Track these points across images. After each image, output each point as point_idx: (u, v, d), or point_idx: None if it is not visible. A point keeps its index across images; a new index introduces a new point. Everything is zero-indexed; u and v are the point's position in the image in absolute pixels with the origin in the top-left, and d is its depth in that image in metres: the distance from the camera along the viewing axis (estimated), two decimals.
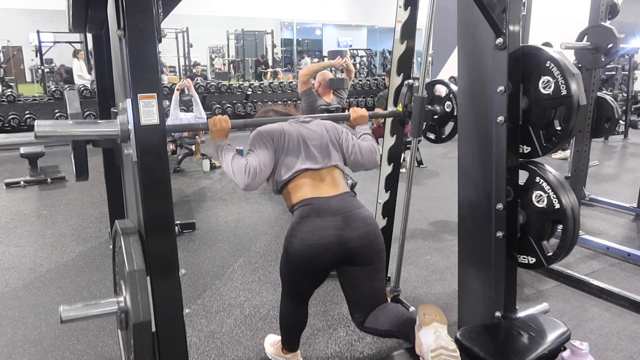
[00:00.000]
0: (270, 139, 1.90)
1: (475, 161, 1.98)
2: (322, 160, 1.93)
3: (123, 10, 1.31)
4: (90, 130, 1.53)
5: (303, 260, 1.81)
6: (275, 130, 1.94)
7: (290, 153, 1.90)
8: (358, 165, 2.06)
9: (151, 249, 1.41)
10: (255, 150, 1.87)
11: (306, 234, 1.78)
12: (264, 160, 1.84)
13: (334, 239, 1.77)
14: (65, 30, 3.16)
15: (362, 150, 2.04)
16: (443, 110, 2.34)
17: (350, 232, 1.79)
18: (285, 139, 1.92)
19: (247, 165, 1.80)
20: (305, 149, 1.92)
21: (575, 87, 1.68)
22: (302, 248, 1.78)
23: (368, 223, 1.85)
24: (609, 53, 3.20)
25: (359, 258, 1.83)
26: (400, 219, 2.44)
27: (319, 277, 1.93)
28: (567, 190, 1.77)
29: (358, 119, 2.17)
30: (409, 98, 2.28)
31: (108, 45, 2.03)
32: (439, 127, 2.41)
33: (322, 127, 2.02)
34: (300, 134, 1.94)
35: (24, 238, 3.75)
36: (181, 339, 1.50)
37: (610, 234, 3.85)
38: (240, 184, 1.81)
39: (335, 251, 1.79)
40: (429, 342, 1.58)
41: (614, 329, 2.50)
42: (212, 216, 4.29)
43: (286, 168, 1.89)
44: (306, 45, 21.02)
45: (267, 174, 1.87)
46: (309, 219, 1.80)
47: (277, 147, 1.90)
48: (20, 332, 2.47)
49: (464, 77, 1.98)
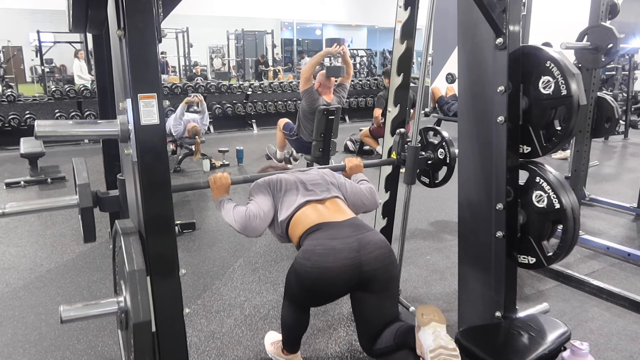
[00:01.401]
0: (268, 186, 1.98)
1: (475, 161, 1.98)
2: (322, 193, 1.96)
3: (123, 10, 1.31)
4: (90, 130, 1.53)
5: (316, 283, 1.75)
6: (272, 178, 2.01)
7: (289, 193, 1.95)
8: (358, 206, 2.09)
9: (151, 249, 1.41)
10: (254, 198, 1.94)
11: (320, 256, 1.72)
12: (263, 206, 1.90)
13: (350, 262, 1.72)
14: (65, 30, 3.17)
15: (362, 192, 2.09)
16: (436, 157, 2.38)
17: (366, 254, 1.74)
18: (282, 184, 1.98)
19: (247, 210, 1.86)
20: (304, 188, 1.96)
21: (575, 87, 1.68)
22: (315, 271, 1.72)
23: (382, 245, 1.81)
24: (609, 53, 3.20)
25: (375, 283, 1.78)
26: (400, 219, 2.44)
27: (328, 300, 1.92)
28: (567, 190, 1.77)
29: (354, 168, 2.24)
30: (401, 146, 2.34)
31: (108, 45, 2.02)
32: (432, 172, 2.45)
33: (319, 172, 2.08)
34: (298, 178, 2.00)
35: (24, 238, 3.75)
36: (181, 339, 1.50)
37: (610, 234, 3.85)
38: (241, 229, 1.85)
39: (351, 275, 1.73)
40: (429, 342, 1.57)
41: (614, 329, 2.50)
42: (212, 216, 4.29)
43: (287, 205, 1.93)
44: (306, 45, 21.01)
45: (268, 219, 1.91)
46: (322, 241, 1.75)
47: (274, 192, 1.96)
48: (20, 332, 2.47)
49: (464, 77, 1.98)
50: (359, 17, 20.87)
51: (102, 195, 1.73)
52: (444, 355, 1.54)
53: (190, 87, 8.68)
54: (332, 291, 1.81)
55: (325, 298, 1.89)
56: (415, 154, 2.24)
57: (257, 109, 8.90)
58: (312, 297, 1.87)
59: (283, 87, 9.41)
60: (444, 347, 1.55)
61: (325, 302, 1.94)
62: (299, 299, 1.92)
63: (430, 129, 2.43)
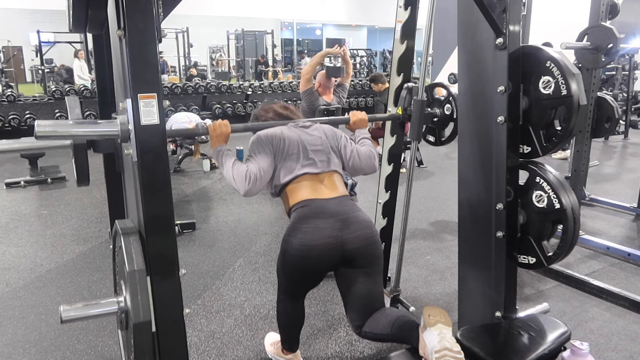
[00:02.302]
0: (270, 144, 1.91)
1: (476, 161, 1.98)
2: (321, 165, 1.93)
3: (123, 10, 1.31)
4: (90, 130, 1.53)
5: (301, 261, 1.81)
6: (275, 135, 1.94)
7: (290, 158, 1.91)
8: (356, 170, 2.07)
9: (151, 249, 1.41)
10: (255, 155, 1.88)
11: (304, 234, 1.78)
12: (264, 166, 1.85)
13: (332, 240, 1.77)
14: (65, 30, 3.17)
15: (361, 156, 2.05)
16: (442, 113, 2.33)
17: (349, 234, 1.79)
18: (285, 143, 1.92)
19: (247, 172, 1.80)
20: (305, 154, 1.92)
21: (575, 87, 1.68)
22: (300, 249, 1.78)
23: (366, 226, 1.85)
24: (609, 53, 3.20)
25: (357, 260, 1.83)
26: (400, 219, 2.44)
27: (316, 278, 1.93)
28: (567, 190, 1.76)
29: (358, 123, 2.18)
30: (408, 101, 2.27)
31: (108, 45, 2.02)
32: (438, 130, 2.40)
33: (321, 132, 2.03)
34: (300, 139, 1.95)
35: (24, 238, 3.75)
36: (181, 339, 1.50)
37: (610, 234, 3.85)
38: (240, 191, 1.81)
39: (333, 253, 1.79)
40: (434, 343, 1.57)
41: (614, 329, 2.50)
42: (212, 216, 4.29)
43: (285, 172, 1.90)
44: (306, 45, 21.01)
45: (267, 179, 1.87)
46: (307, 220, 1.80)
47: (276, 152, 1.91)
48: (20, 332, 2.47)
49: (464, 77, 1.98)
50: (359, 17, 20.87)
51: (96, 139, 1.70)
52: (448, 356, 1.54)
53: (190, 87, 8.68)
54: (317, 268, 1.85)
55: (311, 275, 1.90)
56: (422, 107, 2.16)
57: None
58: (300, 275, 1.89)
59: (283, 87, 9.41)
60: (449, 349, 1.55)
61: (313, 280, 1.92)
62: (290, 282, 1.94)
63: (436, 84, 2.37)
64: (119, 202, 3.09)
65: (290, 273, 1.90)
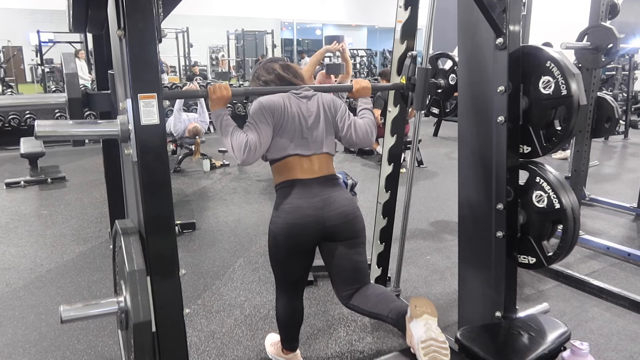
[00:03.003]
0: (272, 115, 1.87)
1: (476, 161, 1.98)
2: (314, 146, 1.92)
3: (123, 10, 1.31)
4: (90, 130, 1.53)
5: (286, 239, 1.87)
6: (277, 106, 1.89)
7: (286, 134, 1.89)
8: (351, 144, 2.04)
9: (151, 249, 1.41)
10: (256, 124, 1.84)
11: (287, 213, 1.85)
12: (264, 134, 1.83)
13: (313, 219, 1.84)
14: (65, 30, 3.16)
15: (358, 130, 2.00)
16: (447, 84, 2.25)
17: (329, 212, 1.86)
18: (285, 118, 1.88)
19: (247, 141, 1.78)
20: (300, 133, 1.90)
21: (575, 87, 1.68)
22: (284, 227, 1.85)
23: (346, 204, 1.90)
24: (609, 53, 3.20)
25: (339, 235, 1.90)
26: (400, 219, 2.44)
27: (304, 257, 1.95)
28: (567, 190, 1.76)
29: (360, 91, 2.11)
30: (412, 70, 2.20)
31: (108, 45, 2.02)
32: (442, 101, 2.34)
33: (320, 106, 1.97)
34: (300, 113, 1.91)
35: (24, 238, 3.75)
36: (181, 339, 1.50)
37: (610, 234, 3.85)
38: (238, 159, 1.81)
39: (315, 230, 1.86)
40: (420, 333, 1.60)
41: (614, 329, 2.50)
42: (212, 216, 4.29)
43: (278, 149, 1.89)
44: (306, 45, 21.00)
45: (265, 149, 1.87)
46: (290, 199, 1.86)
47: (276, 124, 1.88)
48: (20, 332, 2.47)
49: (464, 77, 1.98)
50: (359, 17, 20.86)
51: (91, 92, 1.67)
52: (434, 346, 1.57)
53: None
54: (302, 242, 1.89)
55: (298, 252, 1.92)
56: (426, 76, 2.12)
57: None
58: (287, 253, 1.92)
59: None
60: (434, 339, 1.58)
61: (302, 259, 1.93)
62: (281, 266, 1.97)
63: (441, 54, 2.32)
64: (119, 202, 3.08)
65: (278, 252, 1.93)
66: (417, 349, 1.59)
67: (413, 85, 2.19)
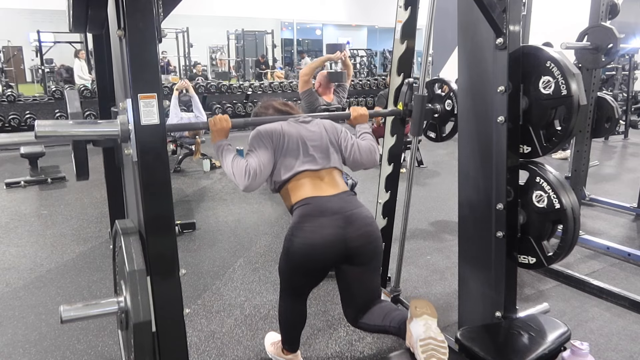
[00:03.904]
0: (270, 139, 1.90)
1: (476, 161, 1.98)
2: (321, 161, 1.93)
3: (123, 10, 1.31)
4: (90, 130, 1.53)
5: (304, 259, 1.82)
6: (275, 130, 1.93)
7: (290, 154, 1.90)
8: (357, 165, 2.07)
9: (151, 249, 1.41)
10: (255, 150, 1.87)
11: (308, 233, 1.78)
12: (263, 161, 1.84)
13: (335, 237, 1.78)
14: (65, 30, 3.16)
15: (361, 150, 2.04)
16: (443, 109, 2.33)
17: (352, 231, 1.80)
18: (285, 139, 1.91)
19: (247, 167, 1.80)
20: (305, 150, 1.92)
21: (575, 87, 1.68)
22: (303, 247, 1.79)
23: (368, 223, 1.86)
24: (609, 53, 3.20)
25: (359, 257, 1.85)
26: (400, 219, 2.44)
27: (318, 276, 1.94)
28: (568, 190, 1.76)
29: (358, 118, 2.17)
30: (409, 97, 2.27)
31: (108, 45, 2.02)
32: (439, 126, 2.40)
33: (321, 128, 2.02)
34: (300, 135, 1.94)
35: (24, 238, 3.75)
36: (181, 339, 1.50)
37: (610, 234, 3.85)
38: (240, 186, 1.81)
39: (336, 250, 1.80)
40: (419, 332, 1.60)
41: (614, 329, 2.50)
42: (212, 216, 4.29)
43: (285, 169, 1.90)
44: (306, 45, 21.00)
45: (266, 174, 1.87)
46: (310, 218, 1.80)
47: (276, 148, 1.90)
48: (20, 332, 2.47)
49: (464, 77, 1.98)
50: (359, 17, 20.86)
51: None
52: (432, 344, 1.57)
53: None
54: (320, 266, 1.86)
55: (314, 273, 1.91)
56: (422, 103, 2.18)
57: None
58: (302, 273, 1.89)
59: (283, 87, 9.41)
60: (433, 338, 1.58)
61: (316, 278, 1.93)
62: (292, 280, 1.95)
63: (436, 80, 2.37)
64: (119, 202, 3.08)
65: (293, 272, 1.90)
66: (415, 347, 1.59)
67: (410, 111, 2.26)
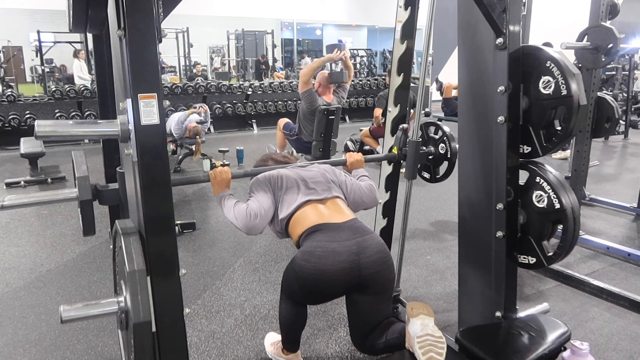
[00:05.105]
0: (268, 183, 1.95)
1: (476, 161, 1.98)
2: (323, 192, 1.95)
3: (123, 10, 1.31)
4: (90, 130, 1.53)
5: (314, 285, 1.77)
6: (273, 175, 1.99)
7: (290, 191, 1.93)
8: (358, 204, 2.10)
9: (151, 249, 1.41)
10: (254, 195, 1.92)
11: (319, 259, 1.73)
12: (264, 204, 1.88)
13: (349, 265, 1.74)
14: (65, 30, 3.16)
15: (362, 190, 2.09)
16: (437, 152, 2.39)
17: (365, 258, 1.76)
18: (283, 181, 1.96)
19: (248, 209, 1.84)
20: (305, 185, 1.95)
21: (575, 87, 1.68)
22: (314, 273, 1.74)
23: (381, 250, 1.83)
24: (609, 53, 3.19)
25: (372, 286, 1.80)
26: (400, 219, 2.44)
27: (326, 300, 1.95)
28: (568, 190, 1.76)
29: (354, 164, 2.24)
30: (403, 142, 2.33)
31: (108, 45, 2.02)
32: (433, 167, 2.45)
33: (320, 169, 2.07)
34: (299, 175, 1.99)
35: (24, 238, 3.75)
36: (181, 339, 1.50)
37: (610, 234, 3.85)
38: (242, 228, 1.84)
39: (350, 278, 1.75)
40: (416, 330, 1.61)
41: (614, 329, 2.50)
42: (212, 216, 4.29)
43: (288, 204, 1.92)
44: (306, 45, 20.99)
45: (268, 217, 1.90)
46: (321, 243, 1.76)
47: (275, 189, 1.95)
48: (20, 332, 2.47)
49: (464, 77, 1.98)
50: (359, 17, 20.85)
51: (101, 189, 1.72)
52: (430, 340, 1.58)
53: (191, 87, 8.67)
54: (330, 292, 1.84)
55: (323, 298, 1.92)
56: (416, 148, 2.23)
57: (258, 109, 8.90)
58: (311, 296, 1.89)
59: (283, 87, 9.40)
60: (430, 335, 1.59)
61: (323, 302, 1.95)
62: (297, 297, 1.94)
63: (431, 124, 2.43)
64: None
65: (299, 292, 1.87)
66: (413, 345, 1.59)
67: (405, 155, 2.32)
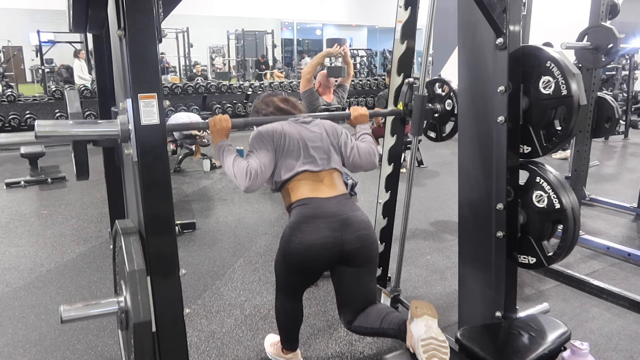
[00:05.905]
0: (271, 140, 1.90)
1: (476, 161, 1.98)
2: (322, 162, 1.94)
3: (123, 10, 1.31)
4: (90, 130, 1.53)
5: (299, 260, 1.83)
6: (276, 130, 1.93)
7: (290, 155, 1.91)
8: (356, 167, 2.08)
9: (151, 249, 1.41)
10: (255, 151, 1.88)
11: (304, 234, 1.80)
12: (264, 161, 1.85)
13: (331, 240, 1.80)
14: (65, 30, 3.17)
15: (361, 153, 2.05)
16: (443, 109, 2.33)
17: (347, 234, 1.82)
18: (286, 140, 1.92)
19: (248, 167, 1.80)
20: (305, 151, 1.93)
21: (575, 87, 1.68)
22: (299, 248, 1.81)
23: (364, 227, 1.87)
24: (609, 53, 3.20)
25: (355, 260, 1.86)
26: (400, 219, 2.44)
27: (313, 275, 1.96)
28: (568, 190, 1.76)
29: (359, 118, 2.18)
30: (409, 97, 2.28)
31: (108, 45, 2.02)
32: (439, 126, 2.40)
33: (322, 129, 2.02)
34: (301, 135, 1.95)
35: (24, 238, 3.75)
36: (181, 339, 1.50)
37: (610, 234, 3.85)
38: (241, 186, 1.82)
39: (332, 253, 1.82)
40: (420, 332, 1.60)
41: (614, 329, 2.50)
42: (213, 216, 4.29)
43: (286, 169, 1.90)
44: (306, 45, 21.00)
45: (267, 175, 1.87)
46: (307, 219, 1.82)
47: (277, 148, 1.91)
48: (20, 332, 2.47)
49: (464, 77, 1.98)
50: (359, 17, 20.86)
51: None
52: (434, 344, 1.57)
53: (191, 87, 8.67)
54: (315, 266, 1.87)
55: (309, 272, 1.92)
56: (423, 103, 2.18)
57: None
58: (298, 272, 1.91)
59: (283, 87, 9.40)
60: (434, 338, 1.58)
61: (311, 277, 1.95)
62: (287, 279, 1.96)
63: (436, 80, 2.38)
64: (119, 202, 3.08)
65: (288, 270, 1.92)
66: (416, 347, 1.59)
67: (410, 111, 2.27)
